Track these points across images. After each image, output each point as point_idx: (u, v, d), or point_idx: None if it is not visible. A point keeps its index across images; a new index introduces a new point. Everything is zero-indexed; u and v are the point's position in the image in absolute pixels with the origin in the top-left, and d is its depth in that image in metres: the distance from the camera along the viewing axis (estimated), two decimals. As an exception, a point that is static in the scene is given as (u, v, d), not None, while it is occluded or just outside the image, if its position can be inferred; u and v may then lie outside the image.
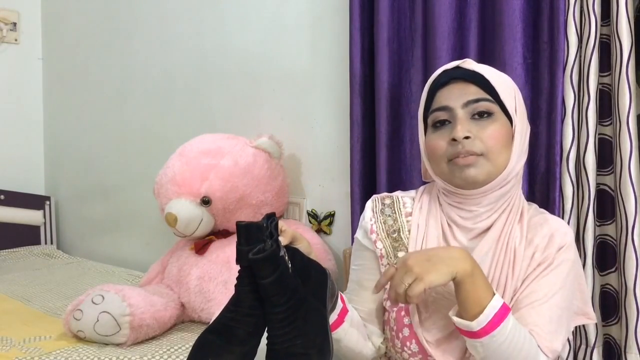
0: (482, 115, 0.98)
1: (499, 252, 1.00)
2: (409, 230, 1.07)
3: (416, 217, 1.08)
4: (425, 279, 0.87)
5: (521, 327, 0.92)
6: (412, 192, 1.14)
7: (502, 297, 0.96)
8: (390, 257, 1.06)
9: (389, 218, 1.10)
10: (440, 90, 1.01)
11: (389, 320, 1.06)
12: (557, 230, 1.01)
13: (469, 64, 1.01)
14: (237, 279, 0.85)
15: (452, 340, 1.00)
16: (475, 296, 0.89)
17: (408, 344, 1.02)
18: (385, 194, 1.15)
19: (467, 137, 0.96)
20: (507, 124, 0.99)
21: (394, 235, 1.08)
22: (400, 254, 1.05)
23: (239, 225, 0.84)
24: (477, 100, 0.98)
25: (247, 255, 0.81)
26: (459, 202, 1.03)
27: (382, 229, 1.09)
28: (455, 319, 0.91)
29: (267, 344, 0.83)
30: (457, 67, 1.01)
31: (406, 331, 1.03)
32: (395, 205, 1.11)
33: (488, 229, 1.02)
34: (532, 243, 1.00)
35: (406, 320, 1.03)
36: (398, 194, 1.14)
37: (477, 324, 0.88)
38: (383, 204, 1.12)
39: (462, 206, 1.02)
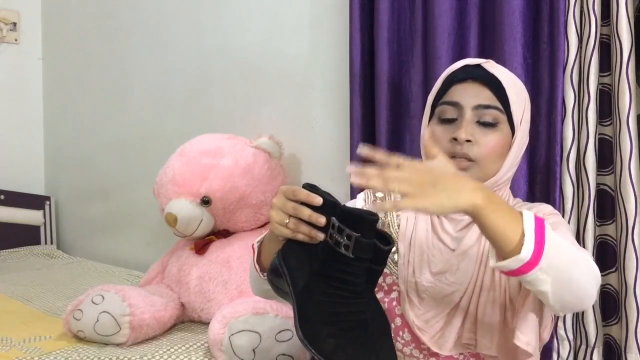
0: (487, 124, 0.99)
1: (485, 242, 0.99)
2: (399, 225, 1.07)
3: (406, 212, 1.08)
4: (419, 203, 0.76)
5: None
6: None
7: (493, 281, 0.96)
8: None
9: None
10: (456, 85, 1.02)
11: None
12: (542, 207, 1.03)
13: (491, 65, 1.02)
14: (351, 272, 0.83)
15: (445, 326, 1.00)
16: (506, 224, 0.79)
17: (401, 333, 1.03)
18: None
19: (468, 141, 0.98)
20: (509, 135, 1.01)
21: (383, 229, 1.08)
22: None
23: (370, 219, 0.80)
24: (487, 107, 0.99)
25: (373, 248, 0.82)
26: None
27: None
28: (501, 264, 0.80)
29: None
30: (478, 66, 1.02)
31: (398, 321, 1.04)
32: (387, 199, 1.12)
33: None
34: None
35: (397, 310, 1.04)
36: None
37: (526, 251, 0.77)
38: (375, 197, 1.13)
39: None
